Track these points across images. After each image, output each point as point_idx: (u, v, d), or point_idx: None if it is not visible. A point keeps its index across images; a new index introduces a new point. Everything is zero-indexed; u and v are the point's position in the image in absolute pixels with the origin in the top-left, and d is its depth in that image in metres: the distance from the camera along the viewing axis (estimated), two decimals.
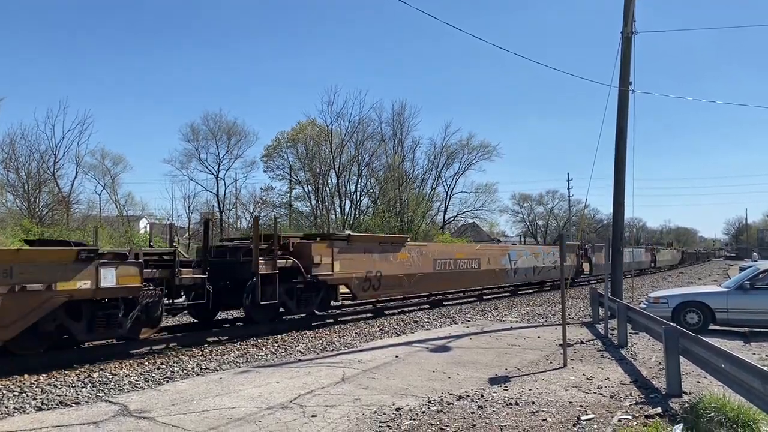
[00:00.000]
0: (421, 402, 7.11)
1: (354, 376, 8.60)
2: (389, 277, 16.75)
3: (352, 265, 15.43)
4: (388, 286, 16.75)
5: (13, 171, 39.63)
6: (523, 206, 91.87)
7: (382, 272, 16.43)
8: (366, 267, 15.90)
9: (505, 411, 6.68)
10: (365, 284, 15.91)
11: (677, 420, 6.16)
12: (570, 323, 14.36)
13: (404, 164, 52.41)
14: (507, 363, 9.66)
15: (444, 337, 12.55)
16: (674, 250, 70.34)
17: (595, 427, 6.04)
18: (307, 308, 14.53)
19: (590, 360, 9.89)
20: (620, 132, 15.93)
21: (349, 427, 6.09)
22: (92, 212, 46.70)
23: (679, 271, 55.93)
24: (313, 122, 49.67)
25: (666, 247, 70.48)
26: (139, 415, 6.62)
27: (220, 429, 6.03)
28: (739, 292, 12.96)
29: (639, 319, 10.59)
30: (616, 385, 7.98)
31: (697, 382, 8.01)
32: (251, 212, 55.63)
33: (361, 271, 15.76)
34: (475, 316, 16.81)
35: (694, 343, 7.09)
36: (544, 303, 21.24)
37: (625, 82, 15.82)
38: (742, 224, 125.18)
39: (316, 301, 14.72)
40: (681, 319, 12.95)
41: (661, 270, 55.13)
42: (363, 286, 15.83)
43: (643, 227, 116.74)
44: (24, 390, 7.89)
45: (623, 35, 15.73)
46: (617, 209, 16.13)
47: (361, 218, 45.86)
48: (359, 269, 15.70)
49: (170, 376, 8.84)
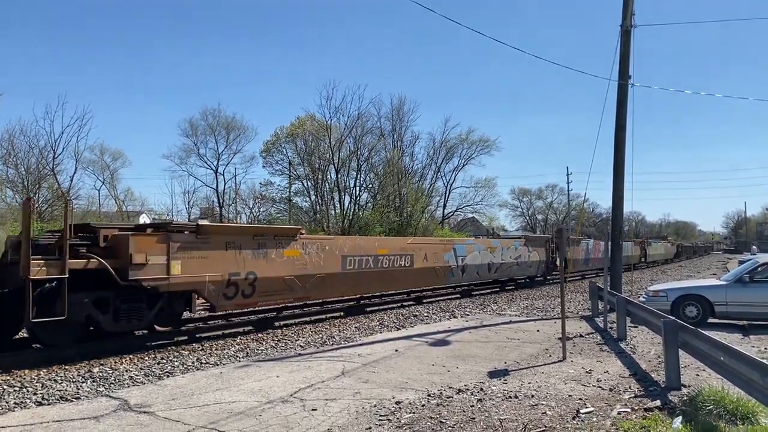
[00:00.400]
0: (421, 395, 7.13)
1: (354, 370, 8.62)
2: (270, 280, 13.04)
3: (206, 266, 11.56)
4: (269, 292, 13.10)
5: (12, 167, 39.62)
6: (523, 201, 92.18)
7: (258, 274, 12.67)
8: (230, 268, 12.08)
9: (505, 404, 6.70)
10: (229, 290, 12.13)
11: (676, 413, 6.18)
12: (569, 317, 14.39)
13: (403, 159, 52.46)
14: (506, 356, 9.68)
15: (443, 331, 12.57)
16: (668, 244, 66.98)
17: (595, 420, 6.05)
18: (132, 324, 10.79)
19: (589, 353, 9.91)
20: (619, 126, 15.92)
21: (349, 420, 6.11)
22: (92, 208, 46.75)
23: (678, 265, 55.20)
24: (312, 117, 49.65)
25: (660, 240, 67.59)
26: (139, 409, 6.64)
27: (220, 423, 6.04)
28: (738, 285, 12.99)
29: (638, 313, 10.61)
30: (616, 378, 8.00)
31: (696, 375, 8.03)
32: (251, 207, 55.72)
33: (221, 274, 11.87)
34: (474, 310, 16.83)
35: (693, 336, 7.10)
36: (543, 297, 21.26)
37: (624, 76, 15.80)
38: (741, 218, 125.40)
39: (149, 316, 10.96)
40: (680, 313, 12.98)
41: (654, 265, 52.88)
42: (225, 293, 12.04)
43: (642, 221, 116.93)
44: (24, 385, 7.90)
45: (622, 29, 15.71)
46: (616, 203, 16.15)
47: (361, 213, 45.87)
48: (218, 271, 11.81)
49: (170, 370, 8.85)
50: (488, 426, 5.89)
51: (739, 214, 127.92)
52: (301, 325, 13.76)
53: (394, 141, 53.22)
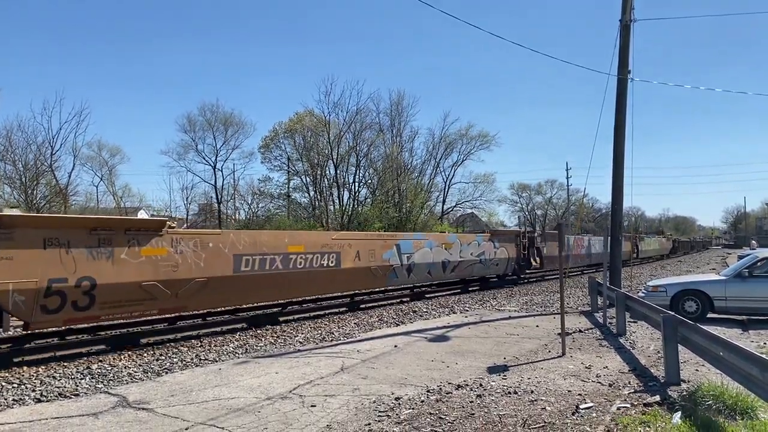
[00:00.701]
0: (420, 391, 7.12)
1: (353, 366, 8.61)
2: (118, 288, 10.19)
3: (9, 271, 8.81)
4: (119, 302, 10.27)
5: (10, 163, 39.62)
6: (522, 196, 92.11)
7: (98, 280, 9.87)
8: (50, 272, 9.29)
9: (504, 400, 6.70)
10: (51, 302, 9.34)
11: (676, 408, 6.18)
12: (568, 312, 14.39)
13: (402, 154, 52.44)
14: (505, 352, 9.67)
15: (442, 327, 12.57)
16: (663, 239, 62.63)
17: (594, 416, 6.05)
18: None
19: (589, 349, 9.90)
20: (618, 120, 15.88)
21: (348, 416, 6.10)
22: (90, 204, 46.75)
23: (677, 260, 54.23)
24: (310, 112, 49.59)
25: (655, 235, 63.96)
26: (138, 406, 6.63)
27: (219, 419, 6.03)
28: (738, 280, 12.99)
29: (637, 308, 10.60)
30: (615, 374, 8.00)
31: (695, 370, 8.03)
32: (249, 203, 55.67)
33: (36, 281, 9.09)
34: (473, 306, 16.83)
35: (693, 331, 7.09)
36: (542, 292, 21.27)
37: (623, 70, 15.76)
38: (740, 213, 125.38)
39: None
40: (679, 308, 12.98)
41: (648, 261, 49.41)
42: (45, 304, 9.26)
43: (641, 216, 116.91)
44: (23, 382, 7.90)
45: (622, 23, 15.66)
46: (616, 198, 16.11)
47: (360, 209, 45.85)
48: (30, 277, 9.03)
49: (169, 367, 8.84)
50: (488, 422, 5.89)
51: (739, 208, 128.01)
52: (300, 321, 13.75)
53: (393, 136, 53.22)
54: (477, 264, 22.04)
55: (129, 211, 49.71)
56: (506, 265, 24.22)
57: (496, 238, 23.74)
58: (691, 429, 5.42)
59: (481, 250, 22.38)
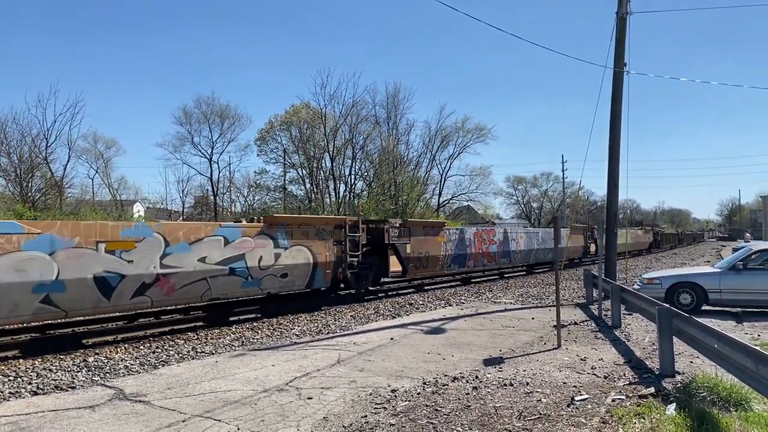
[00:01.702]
0: (417, 383, 7.14)
1: (349, 359, 8.63)
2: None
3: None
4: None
5: (4, 155, 39.45)
6: (518, 189, 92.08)
7: None
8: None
9: (500, 392, 6.73)
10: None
11: (670, 400, 6.22)
12: (564, 304, 14.45)
13: (399, 147, 52.44)
14: (501, 344, 9.71)
15: (439, 319, 12.60)
16: (641, 231, 51.30)
17: (589, 408, 6.08)
18: None
19: (584, 341, 9.95)
20: (614, 113, 15.89)
21: (345, 409, 6.12)
22: (85, 196, 46.59)
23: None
24: (307, 105, 49.49)
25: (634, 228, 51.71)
26: (135, 398, 6.64)
27: (216, 412, 6.04)
28: (732, 272, 13.05)
29: (633, 300, 10.64)
30: (610, 366, 8.04)
31: (690, 362, 8.07)
32: (245, 196, 55.59)
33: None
34: (469, 298, 16.88)
35: (687, 323, 7.13)
36: (538, 285, 21.34)
37: (619, 63, 15.75)
38: (735, 205, 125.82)
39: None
40: (674, 300, 13.04)
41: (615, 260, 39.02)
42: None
43: (637, 209, 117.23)
44: (19, 374, 7.90)
45: (618, 15, 15.64)
46: (611, 190, 16.14)
47: (356, 201, 45.84)
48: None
49: (166, 359, 8.85)
50: (483, 414, 5.92)
51: (733, 201, 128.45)
52: (296, 314, 13.76)
53: (390, 129, 53.16)
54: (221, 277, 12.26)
55: (125, 204, 49.59)
56: (307, 277, 14.44)
57: (275, 230, 13.74)
58: (685, 420, 5.46)
59: (234, 252, 12.60)
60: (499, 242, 25.16)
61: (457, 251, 21.70)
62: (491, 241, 24.65)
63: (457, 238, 21.82)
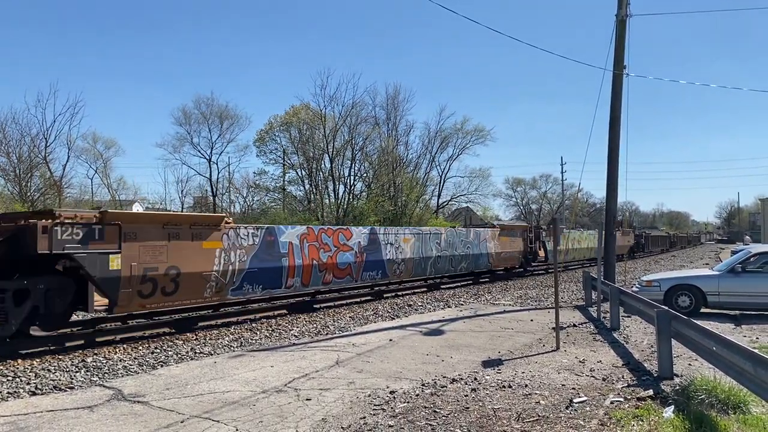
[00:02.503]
0: (415, 385, 7.15)
1: (348, 360, 8.63)
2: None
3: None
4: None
5: (4, 155, 39.37)
6: (517, 190, 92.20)
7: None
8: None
9: (499, 394, 6.73)
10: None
11: (668, 402, 6.22)
12: (563, 306, 14.45)
13: (398, 148, 52.30)
14: (500, 346, 9.71)
15: (437, 321, 12.60)
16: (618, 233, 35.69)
17: (588, 410, 6.08)
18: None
19: (583, 343, 9.95)
20: (614, 115, 15.90)
21: (343, 410, 6.12)
22: (84, 196, 46.55)
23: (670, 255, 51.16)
24: (306, 106, 49.40)
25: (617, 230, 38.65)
26: (133, 399, 6.63)
27: (214, 413, 6.04)
28: (731, 275, 13.06)
29: (631, 303, 10.65)
30: (609, 368, 8.05)
31: (688, 364, 8.08)
32: (244, 196, 55.58)
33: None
34: (468, 300, 16.88)
35: (686, 326, 7.14)
36: (537, 287, 21.34)
37: (619, 66, 15.77)
38: (734, 208, 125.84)
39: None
40: (673, 302, 13.05)
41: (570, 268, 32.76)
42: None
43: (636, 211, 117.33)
44: (18, 375, 7.88)
45: (618, 18, 15.66)
46: (610, 193, 16.15)
47: (355, 202, 45.82)
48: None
49: (164, 360, 8.85)
50: (482, 415, 5.92)
51: (732, 204, 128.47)
52: (294, 315, 13.76)
53: (389, 130, 53.04)
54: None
55: (124, 204, 49.55)
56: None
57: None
58: (683, 423, 5.46)
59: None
60: (359, 248, 16.79)
61: (260, 263, 13.30)
62: (343, 246, 16.14)
63: (261, 242, 13.43)
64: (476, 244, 23.06)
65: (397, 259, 18.42)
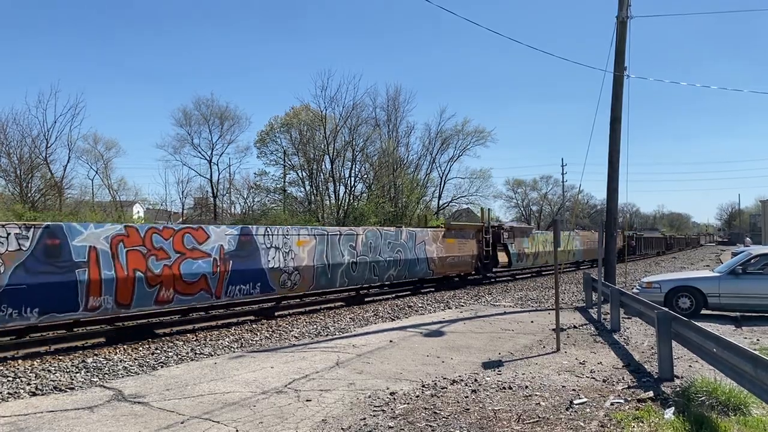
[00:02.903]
0: (415, 386, 7.14)
1: (348, 361, 8.63)
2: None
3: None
4: None
5: (4, 156, 39.40)
6: (517, 192, 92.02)
7: None
8: None
9: (499, 395, 6.73)
10: None
11: (669, 404, 6.22)
12: (563, 308, 14.45)
13: (399, 149, 52.34)
14: (500, 347, 9.71)
15: (438, 322, 12.60)
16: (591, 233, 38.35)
17: (588, 411, 6.08)
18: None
19: (583, 344, 9.95)
20: (614, 117, 15.90)
21: (343, 411, 6.12)
22: (85, 197, 46.57)
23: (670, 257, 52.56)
24: (306, 107, 49.44)
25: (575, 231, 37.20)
26: (133, 399, 6.63)
27: (214, 413, 6.04)
28: (731, 276, 13.05)
29: (632, 304, 10.65)
30: (609, 370, 8.04)
31: (689, 366, 8.08)
32: (245, 197, 55.58)
33: None
34: (468, 301, 16.88)
35: (686, 327, 7.13)
36: (537, 288, 21.34)
37: (620, 67, 15.76)
38: (735, 209, 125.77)
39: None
40: (673, 304, 13.05)
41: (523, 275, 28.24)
42: None
43: (636, 212, 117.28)
44: (18, 375, 7.89)
45: (618, 19, 15.66)
46: (611, 194, 16.15)
47: (356, 204, 45.83)
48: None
49: (165, 361, 8.85)
50: (482, 417, 5.92)
51: (733, 205, 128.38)
52: (295, 316, 13.77)
53: (390, 131, 53.08)
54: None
55: (124, 205, 49.58)
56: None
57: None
58: (684, 425, 5.46)
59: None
60: (220, 254, 12.77)
61: (32, 278, 9.49)
62: (191, 252, 12.14)
63: (35, 246, 9.61)
64: (410, 248, 19.23)
65: (286, 268, 14.42)
